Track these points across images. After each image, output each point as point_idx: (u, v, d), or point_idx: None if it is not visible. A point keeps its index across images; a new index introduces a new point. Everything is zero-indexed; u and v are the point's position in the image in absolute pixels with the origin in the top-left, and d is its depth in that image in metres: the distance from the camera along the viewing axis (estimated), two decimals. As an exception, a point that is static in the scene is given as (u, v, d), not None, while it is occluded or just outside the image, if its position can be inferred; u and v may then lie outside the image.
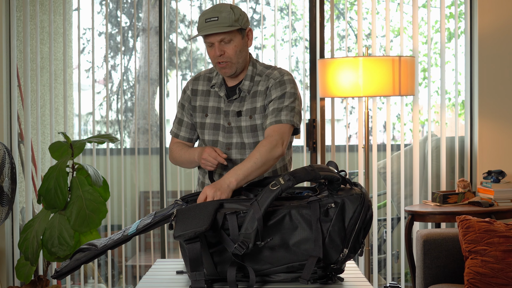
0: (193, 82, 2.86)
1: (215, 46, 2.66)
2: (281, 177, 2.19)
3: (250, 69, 2.76)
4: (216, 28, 2.61)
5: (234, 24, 2.63)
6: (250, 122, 2.72)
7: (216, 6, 2.66)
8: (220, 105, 2.77)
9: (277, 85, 2.70)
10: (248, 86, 2.74)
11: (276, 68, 2.78)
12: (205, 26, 2.63)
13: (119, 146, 5.54)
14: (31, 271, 3.99)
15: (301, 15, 7.22)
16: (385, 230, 5.28)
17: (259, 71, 2.77)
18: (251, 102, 2.73)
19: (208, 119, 2.79)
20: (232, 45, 2.66)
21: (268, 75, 2.74)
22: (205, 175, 2.85)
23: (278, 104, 2.67)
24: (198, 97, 2.82)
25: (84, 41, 6.94)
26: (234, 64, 2.69)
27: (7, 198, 3.94)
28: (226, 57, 2.66)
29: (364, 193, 2.26)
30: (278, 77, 2.72)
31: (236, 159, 2.75)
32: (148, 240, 5.65)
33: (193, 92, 2.84)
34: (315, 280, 2.25)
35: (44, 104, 5.28)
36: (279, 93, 2.68)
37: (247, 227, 2.15)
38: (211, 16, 2.63)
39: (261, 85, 2.73)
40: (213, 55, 2.68)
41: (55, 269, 2.29)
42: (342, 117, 6.43)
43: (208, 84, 2.82)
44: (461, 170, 4.74)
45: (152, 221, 2.28)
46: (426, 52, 6.80)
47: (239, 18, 2.66)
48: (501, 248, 3.34)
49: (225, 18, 2.62)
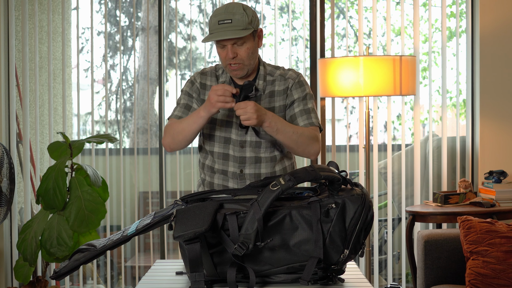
0: (201, 76, 2.81)
1: (227, 48, 2.63)
2: (282, 178, 2.18)
3: (262, 69, 2.77)
4: (231, 33, 2.57)
5: (248, 27, 2.60)
6: None
7: (229, 7, 2.62)
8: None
9: (297, 85, 2.76)
10: (262, 86, 2.75)
11: (286, 69, 2.82)
12: (218, 29, 2.59)
13: (118, 146, 5.53)
14: (29, 272, 3.98)
15: (300, 13, 7.20)
16: (386, 231, 5.27)
17: (269, 71, 2.79)
18: (268, 101, 2.75)
19: (220, 115, 2.76)
20: (245, 47, 2.64)
21: (284, 76, 2.77)
22: (213, 175, 2.82)
23: (303, 105, 2.75)
24: (207, 91, 2.78)
25: (83, 41, 6.93)
26: (246, 66, 2.68)
27: (5, 199, 3.93)
28: (239, 59, 2.65)
29: (365, 194, 2.25)
30: (295, 77, 2.77)
31: (251, 156, 2.75)
32: (147, 240, 5.63)
33: (202, 85, 2.80)
34: (316, 281, 2.24)
35: (42, 104, 5.26)
36: (301, 94, 2.76)
37: (247, 227, 2.13)
38: (224, 18, 2.59)
39: (278, 85, 2.76)
40: (225, 56, 2.65)
41: (54, 270, 2.28)
42: (343, 117, 6.41)
43: (216, 81, 2.80)
44: (462, 170, 4.73)
45: (151, 221, 2.27)
46: (427, 51, 6.78)
47: (252, 20, 2.63)
48: (503, 249, 3.32)
49: (239, 21, 2.58)
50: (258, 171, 2.77)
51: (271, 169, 2.79)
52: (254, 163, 2.76)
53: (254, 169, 2.76)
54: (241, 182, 2.78)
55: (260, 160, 2.76)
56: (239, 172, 2.77)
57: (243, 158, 2.76)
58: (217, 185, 2.82)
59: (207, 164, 2.84)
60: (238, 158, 2.76)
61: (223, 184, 2.81)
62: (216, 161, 2.80)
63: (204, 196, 2.38)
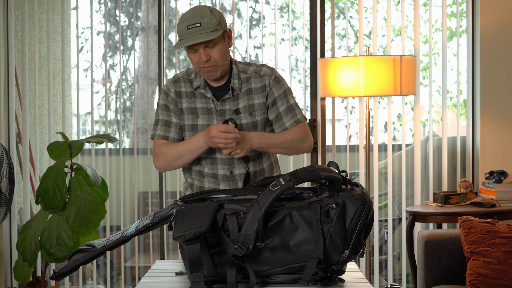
0: (174, 85, 2.80)
1: (199, 52, 2.63)
2: (282, 178, 2.18)
3: (234, 68, 2.77)
4: (201, 36, 2.57)
5: (217, 28, 2.61)
6: (251, 119, 2.75)
7: (195, 10, 2.62)
8: (209, 105, 2.75)
9: (274, 82, 2.78)
10: (238, 85, 2.75)
11: (259, 64, 2.82)
12: (188, 34, 2.59)
13: (118, 146, 5.52)
14: (29, 272, 3.97)
15: (301, 13, 7.20)
16: (386, 231, 5.26)
17: (242, 69, 2.79)
18: (247, 99, 2.75)
19: (200, 120, 2.76)
20: (217, 49, 2.64)
21: (258, 72, 2.78)
22: (202, 179, 2.82)
23: (286, 103, 2.78)
24: (184, 99, 2.78)
25: (83, 40, 6.92)
26: (219, 67, 2.68)
27: (5, 199, 3.92)
28: (212, 61, 2.64)
29: (365, 194, 2.25)
30: (270, 74, 2.79)
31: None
32: (147, 241, 5.63)
33: (177, 94, 2.79)
34: (316, 281, 2.23)
35: (42, 104, 5.25)
36: (280, 91, 2.78)
37: (247, 228, 2.13)
38: (192, 22, 2.59)
39: (255, 83, 2.76)
40: (197, 61, 2.65)
41: (54, 270, 2.28)
42: (343, 117, 6.41)
43: (190, 86, 2.78)
44: (463, 171, 4.72)
45: (151, 221, 2.27)
46: (427, 52, 6.78)
47: (221, 21, 2.64)
48: (503, 249, 3.31)
49: (208, 23, 2.59)
50: (247, 170, 2.77)
51: (259, 166, 2.80)
52: (243, 162, 2.77)
53: (243, 168, 2.77)
54: (232, 183, 2.77)
55: (248, 159, 2.77)
56: (229, 173, 2.77)
57: (231, 159, 2.75)
58: (208, 188, 2.82)
59: (195, 169, 2.83)
60: (226, 160, 2.76)
61: (214, 187, 2.80)
62: (205, 165, 2.79)
63: (204, 196, 2.38)
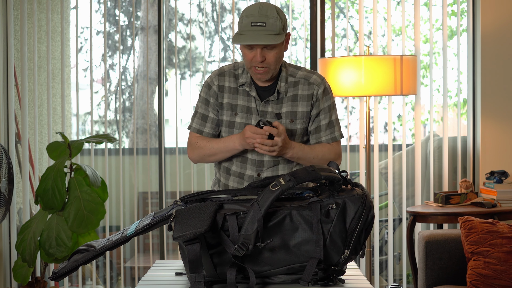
0: (218, 78, 2.74)
1: (256, 51, 2.56)
2: (282, 178, 2.17)
3: (283, 70, 2.70)
4: (264, 37, 2.50)
5: (281, 32, 2.54)
6: (291, 126, 2.69)
7: (262, 8, 2.53)
8: (250, 104, 2.70)
9: (323, 94, 2.71)
10: (284, 88, 2.69)
11: (308, 70, 2.75)
12: (251, 31, 2.51)
13: (117, 146, 5.51)
14: (28, 272, 3.97)
15: (299, 13, 7.19)
16: (386, 231, 5.25)
17: (290, 72, 2.72)
18: (291, 105, 2.69)
19: (238, 118, 2.71)
20: (274, 52, 2.58)
21: (307, 79, 2.70)
22: (228, 177, 2.79)
23: (329, 118, 2.73)
24: (226, 93, 2.72)
25: (82, 40, 6.92)
26: (271, 70, 2.62)
27: (4, 199, 3.91)
28: (266, 63, 2.58)
29: (365, 194, 2.24)
30: (320, 83, 2.71)
31: (269, 160, 2.72)
32: (147, 241, 5.62)
33: (220, 88, 2.73)
34: (316, 281, 2.23)
35: (41, 104, 5.25)
36: (326, 104, 2.72)
37: (247, 228, 2.12)
38: (258, 20, 2.51)
39: (302, 89, 2.69)
40: (251, 58, 2.58)
41: (53, 271, 2.27)
42: (343, 117, 6.40)
43: (235, 81, 2.72)
44: (463, 171, 4.71)
45: (151, 222, 2.26)
46: (427, 51, 6.76)
47: (285, 25, 2.57)
48: (504, 250, 3.31)
49: (272, 25, 2.51)
50: (275, 174, 2.73)
51: (287, 172, 2.74)
52: (272, 166, 2.73)
53: (271, 172, 2.73)
54: None
55: (278, 163, 2.73)
56: (256, 175, 2.74)
57: (261, 161, 2.72)
58: (232, 187, 2.79)
59: (223, 165, 2.81)
60: (256, 161, 2.73)
61: (238, 187, 2.77)
62: (234, 163, 2.77)
63: (204, 197, 2.37)
